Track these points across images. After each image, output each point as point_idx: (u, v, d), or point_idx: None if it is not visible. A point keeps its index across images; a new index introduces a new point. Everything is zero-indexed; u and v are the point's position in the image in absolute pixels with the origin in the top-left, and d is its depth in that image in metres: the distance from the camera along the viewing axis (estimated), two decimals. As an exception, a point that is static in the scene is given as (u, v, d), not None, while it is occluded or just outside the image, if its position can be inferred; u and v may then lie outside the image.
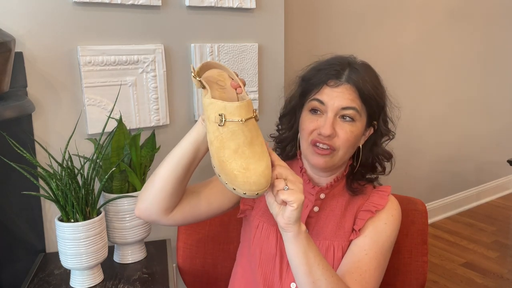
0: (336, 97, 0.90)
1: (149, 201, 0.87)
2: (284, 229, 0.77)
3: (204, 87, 0.77)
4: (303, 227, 0.78)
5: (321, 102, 0.91)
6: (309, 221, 0.97)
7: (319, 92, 0.92)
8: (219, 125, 0.71)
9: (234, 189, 0.70)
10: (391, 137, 1.02)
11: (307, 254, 0.79)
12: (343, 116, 0.90)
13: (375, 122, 0.97)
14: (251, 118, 0.72)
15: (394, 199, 1.00)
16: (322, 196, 0.98)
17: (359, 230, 0.94)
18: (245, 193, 0.69)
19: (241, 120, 0.71)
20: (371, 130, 0.98)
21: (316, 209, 0.97)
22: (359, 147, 0.97)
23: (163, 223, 0.91)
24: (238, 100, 0.77)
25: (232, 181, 0.70)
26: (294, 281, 0.94)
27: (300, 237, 0.78)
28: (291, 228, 0.77)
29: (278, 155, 1.04)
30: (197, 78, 0.77)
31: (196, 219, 0.96)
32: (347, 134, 0.90)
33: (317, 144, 0.91)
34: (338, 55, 0.98)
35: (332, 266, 0.92)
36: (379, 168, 1.02)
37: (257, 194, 0.70)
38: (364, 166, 1.00)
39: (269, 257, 0.96)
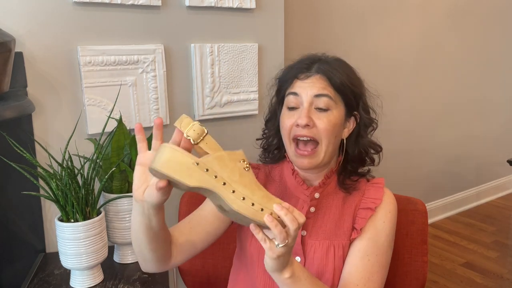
0: (308, 87, 0.91)
1: (142, 260, 0.87)
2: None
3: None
4: (287, 274, 0.77)
5: (294, 94, 0.92)
6: (307, 222, 0.96)
7: (291, 86, 0.93)
8: (246, 170, 0.71)
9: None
10: (374, 126, 1.01)
11: None
12: (319, 108, 0.91)
13: (356, 113, 0.97)
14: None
15: (389, 191, 1.00)
16: (316, 195, 0.97)
17: (360, 229, 0.93)
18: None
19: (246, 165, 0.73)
20: (354, 123, 0.98)
21: (312, 209, 0.97)
22: (343, 140, 0.97)
23: (171, 268, 0.91)
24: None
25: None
26: None
27: (284, 281, 0.78)
28: (272, 274, 0.78)
29: (266, 159, 1.05)
30: (195, 139, 0.70)
31: (198, 252, 0.95)
32: (324, 124, 0.90)
33: (298, 138, 0.91)
34: (310, 53, 1.00)
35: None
36: (368, 161, 1.01)
37: None
38: (353, 160, 0.99)
39: None
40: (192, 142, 0.69)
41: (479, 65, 2.91)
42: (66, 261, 1.03)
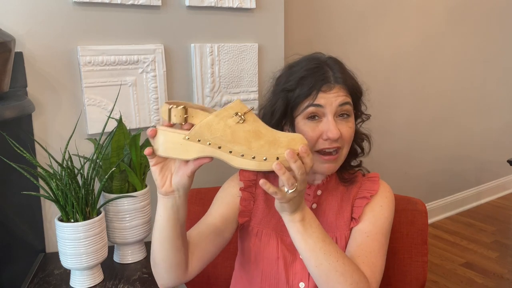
0: (333, 97, 0.91)
1: (165, 269, 0.85)
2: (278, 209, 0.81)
3: (186, 121, 0.72)
4: (297, 217, 0.80)
5: (319, 105, 0.90)
6: None
7: (316, 99, 0.91)
8: (241, 123, 0.71)
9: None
10: (364, 119, 1.03)
11: (305, 240, 0.81)
12: (341, 115, 0.92)
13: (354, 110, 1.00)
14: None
15: (385, 183, 1.02)
16: (319, 192, 0.99)
17: (358, 217, 0.96)
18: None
19: (251, 108, 0.73)
20: None
21: (314, 206, 0.99)
22: None
23: (189, 279, 0.90)
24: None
25: (294, 146, 0.71)
26: (302, 281, 0.94)
27: (294, 225, 0.80)
28: (282, 214, 0.81)
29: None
30: (180, 107, 0.71)
31: (211, 258, 0.94)
32: (348, 132, 0.92)
33: (326, 150, 0.90)
34: (308, 56, 0.98)
35: None
36: (359, 150, 1.03)
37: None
38: (351, 153, 1.01)
39: (272, 262, 0.96)
40: (183, 124, 0.71)
41: (479, 65, 2.91)
42: (66, 261, 1.03)
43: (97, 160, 1.05)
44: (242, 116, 0.71)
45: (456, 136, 2.89)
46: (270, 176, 0.92)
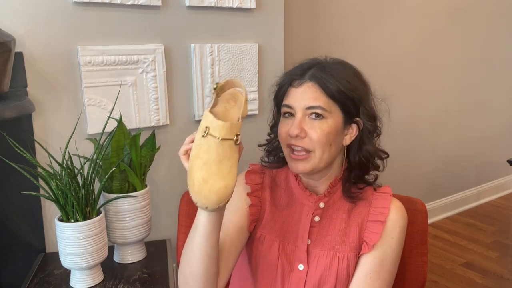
0: (300, 97, 0.90)
1: (204, 283, 0.84)
2: None
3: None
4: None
5: (288, 106, 0.91)
6: (312, 230, 0.95)
7: (285, 95, 0.93)
8: (202, 136, 0.75)
9: (191, 196, 0.74)
10: (378, 132, 0.97)
11: None
12: (317, 115, 0.89)
13: (358, 119, 0.93)
14: (229, 139, 0.75)
15: (399, 202, 0.97)
16: (321, 205, 0.96)
17: (373, 245, 0.92)
18: (196, 202, 0.73)
19: (218, 138, 0.75)
20: (355, 129, 0.94)
21: (317, 218, 0.96)
22: (345, 147, 0.95)
23: None
24: (239, 120, 0.80)
25: (190, 187, 0.74)
26: None
27: None
28: None
29: (271, 163, 1.03)
30: (212, 92, 0.82)
31: (231, 269, 0.94)
32: (317, 133, 0.88)
33: (292, 147, 0.90)
34: (312, 57, 0.98)
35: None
36: (372, 167, 0.97)
37: (207, 208, 0.73)
38: (355, 167, 0.96)
39: (271, 268, 0.95)
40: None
41: (479, 65, 2.91)
42: (66, 261, 1.03)
43: (97, 160, 1.05)
44: (206, 132, 0.75)
45: (456, 136, 2.89)
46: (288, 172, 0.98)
